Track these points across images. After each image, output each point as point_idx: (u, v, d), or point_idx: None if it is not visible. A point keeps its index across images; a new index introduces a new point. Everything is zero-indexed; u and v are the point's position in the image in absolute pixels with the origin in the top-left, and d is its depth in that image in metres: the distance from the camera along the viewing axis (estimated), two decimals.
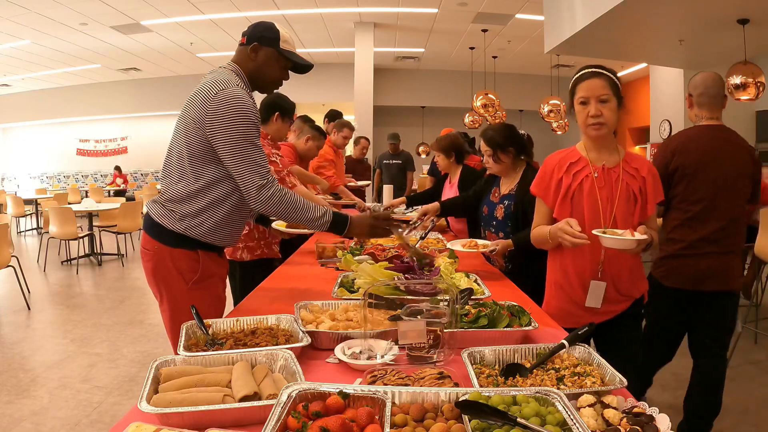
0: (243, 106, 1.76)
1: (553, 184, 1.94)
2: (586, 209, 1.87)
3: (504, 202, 2.74)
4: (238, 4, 7.80)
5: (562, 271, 1.99)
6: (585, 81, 1.85)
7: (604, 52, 6.24)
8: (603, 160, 1.90)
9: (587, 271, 1.91)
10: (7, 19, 7.93)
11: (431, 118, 13.58)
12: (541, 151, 3.03)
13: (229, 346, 1.43)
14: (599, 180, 1.88)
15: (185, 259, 1.87)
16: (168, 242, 1.86)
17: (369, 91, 9.51)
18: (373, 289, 1.71)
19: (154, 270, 1.90)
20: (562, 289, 1.99)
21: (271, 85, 1.99)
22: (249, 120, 1.77)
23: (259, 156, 1.79)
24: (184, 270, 1.88)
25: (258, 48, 1.90)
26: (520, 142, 2.73)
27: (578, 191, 1.90)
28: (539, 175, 2.00)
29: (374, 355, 1.41)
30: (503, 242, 2.57)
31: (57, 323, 4.85)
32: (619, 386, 1.17)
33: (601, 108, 1.81)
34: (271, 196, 1.79)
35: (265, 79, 1.95)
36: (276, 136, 3.03)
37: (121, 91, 13.23)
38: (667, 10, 4.04)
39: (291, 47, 1.95)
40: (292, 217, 1.84)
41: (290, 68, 1.99)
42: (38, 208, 10.56)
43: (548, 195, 1.95)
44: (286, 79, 2.01)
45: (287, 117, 3.03)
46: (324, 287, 2.13)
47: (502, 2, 7.67)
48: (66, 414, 3.03)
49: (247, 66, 1.93)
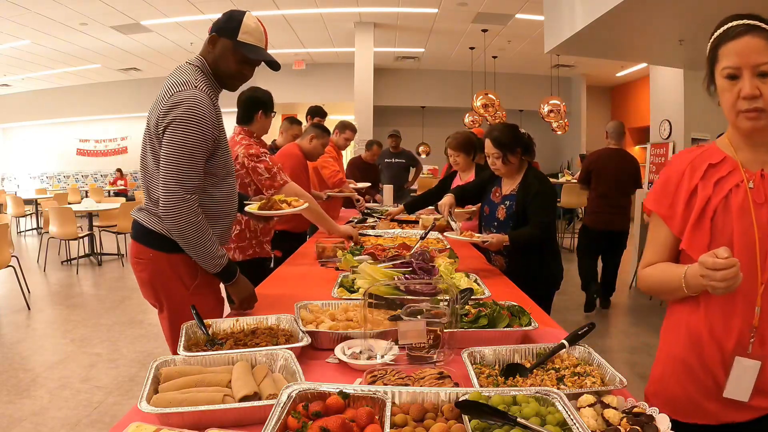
0: (193, 113, 1.66)
1: (683, 196, 1.28)
2: (736, 236, 1.21)
3: (506, 203, 2.72)
4: (238, 4, 7.80)
5: (689, 339, 1.29)
6: (734, 41, 1.18)
7: (604, 52, 6.24)
8: (761, 164, 1.25)
9: (732, 340, 1.22)
10: (7, 19, 7.92)
11: (431, 118, 13.58)
12: (541, 152, 3.03)
13: (229, 346, 1.43)
14: (756, 192, 1.22)
15: (183, 264, 1.81)
16: (164, 248, 1.79)
17: (369, 91, 9.50)
18: (373, 289, 1.71)
19: (152, 279, 1.84)
20: (688, 368, 1.30)
21: (231, 81, 1.84)
22: (195, 129, 1.67)
23: (191, 169, 1.68)
24: (184, 275, 1.82)
25: (216, 39, 1.78)
26: (524, 143, 2.70)
27: (723, 208, 1.23)
28: (660, 183, 1.35)
29: (374, 355, 1.41)
30: (498, 236, 2.54)
31: (57, 323, 4.85)
32: (619, 386, 1.17)
33: (761, 85, 1.15)
34: (185, 214, 1.68)
35: (223, 73, 1.81)
36: (260, 132, 2.98)
37: (121, 91, 13.23)
38: (667, 10, 4.04)
39: (254, 40, 1.79)
40: (191, 243, 1.72)
41: (252, 63, 1.83)
42: (38, 208, 10.55)
43: (674, 213, 1.29)
44: (249, 75, 1.86)
45: (269, 111, 2.98)
46: (324, 287, 2.13)
47: (502, 2, 7.67)
48: (66, 414, 3.03)
49: (208, 57, 1.81)
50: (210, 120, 1.71)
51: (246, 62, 1.81)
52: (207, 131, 1.70)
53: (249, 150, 2.79)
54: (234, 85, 1.87)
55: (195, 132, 1.67)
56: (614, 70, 11.61)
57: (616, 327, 4.88)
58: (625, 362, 3.87)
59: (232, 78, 1.83)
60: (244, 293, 1.87)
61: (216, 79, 1.82)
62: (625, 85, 12.85)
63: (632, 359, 3.95)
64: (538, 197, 2.59)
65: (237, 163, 2.75)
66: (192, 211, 1.69)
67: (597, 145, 12.04)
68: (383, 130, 8.37)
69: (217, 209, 1.86)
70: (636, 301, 5.64)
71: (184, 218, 1.69)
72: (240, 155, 2.79)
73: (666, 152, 6.06)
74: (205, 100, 1.71)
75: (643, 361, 3.89)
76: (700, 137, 5.85)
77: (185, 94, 1.67)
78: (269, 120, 3.00)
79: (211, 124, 1.71)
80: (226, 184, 1.88)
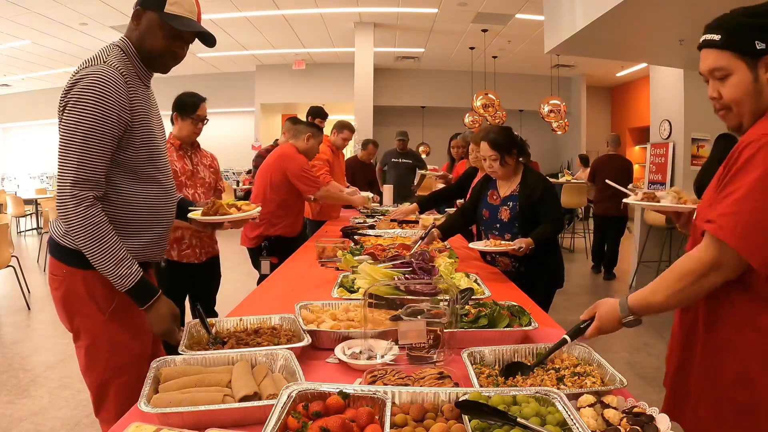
0: (93, 90, 1.42)
1: None
2: None
3: (508, 204, 2.70)
4: (238, 4, 7.79)
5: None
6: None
7: (604, 52, 6.24)
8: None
9: None
10: (7, 19, 7.92)
11: (431, 118, 13.58)
12: (541, 152, 3.02)
13: (230, 345, 1.44)
14: None
15: (100, 284, 1.54)
16: (78, 264, 1.52)
17: (369, 91, 9.50)
18: (373, 289, 1.71)
19: (64, 298, 1.58)
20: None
21: (161, 60, 1.59)
22: (94, 108, 1.41)
23: (87, 157, 1.42)
24: (99, 297, 1.56)
25: (140, 13, 1.55)
26: (519, 144, 2.72)
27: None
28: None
29: (374, 355, 1.41)
30: (526, 240, 2.48)
31: (57, 323, 4.79)
32: (619, 386, 1.17)
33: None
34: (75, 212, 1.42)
35: (150, 51, 1.56)
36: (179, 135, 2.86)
37: None
38: (667, 10, 4.04)
39: (184, 11, 1.55)
40: (88, 251, 1.45)
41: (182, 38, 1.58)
42: (38, 208, 10.53)
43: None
44: (180, 53, 1.60)
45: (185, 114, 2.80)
46: (324, 287, 2.13)
47: (502, 2, 7.66)
48: (66, 414, 3.03)
49: (132, 36, 1.57)
50: (115, 99, 1.45)
51: (175, 37, 1.56)
52: (110, 112, 1.44)
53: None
54: (164, 66, 1.61)
55: (93, 112, 1.42)
56: (614, 70, 11.61)
57: None
58: (625, 362, 3.87)
59: (162, 56, 1.58)
60: (163, 323, 1.56)
61: (143, 60, 1.58)
62: (625, 85, 12.85)
63: (632, 359, 3.95)
64: (547, 196, 2.62)
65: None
66: (86, 210, 1.43)
67: (597, 144, 12.14)
68: (383, 130, 8.38)
69: (136, 215, 1.58)
70: None
71: (76, 218, 1.42)
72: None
73: (666, 152, 6.06)
74: (112, 76, 1.45)
75: (643, 361, 3.89)
76: (701, 137, 5.85)
77: (87, 70, 1.45)
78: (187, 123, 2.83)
79: (117, 104, 1.45)
80: (153, 185, 1.62)
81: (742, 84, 1.20)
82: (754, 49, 1.18)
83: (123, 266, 1.47)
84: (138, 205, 1.59)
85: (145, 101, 1.59)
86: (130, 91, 1.52)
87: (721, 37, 1.22)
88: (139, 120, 1.54)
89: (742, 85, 1.20)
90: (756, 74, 1.19)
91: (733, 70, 1.21)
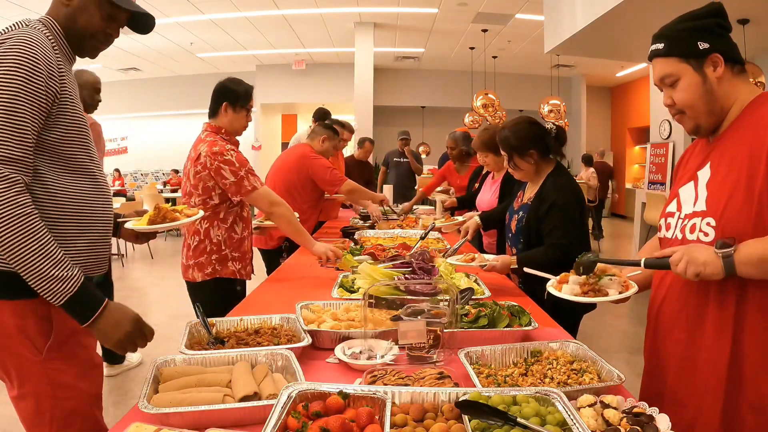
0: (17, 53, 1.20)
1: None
2: None
3: (519, 213, 2.33)
4: (238, 4, 7.80)
5: None
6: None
7: (604, 52, 6.25)
8: None
9: None
10: (8, 19, 7.92)
11: (431, 118, 13.58)
12: None
13: (231, 345, 1.44)
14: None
15: (34, 316, 1.26)
16: (3, 292, 1.24)
17: (369, 91, 9.51)
18: (374, 289, 1.71)
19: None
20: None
21: (92, 42, 1.39)
22: (18, 72, 1.18)
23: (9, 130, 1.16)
24: (32, 332, 1.27)
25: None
26: (542, 141, 2.23)
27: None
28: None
29: (374, 355, 1.41)
30: (504, 258, 2.15)
31: None
32: (617, 382, 1.18)
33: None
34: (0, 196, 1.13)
35: (81, 31, 1.36)
36: (231, 129, 2.43)
37: (121, 91, 13.23)
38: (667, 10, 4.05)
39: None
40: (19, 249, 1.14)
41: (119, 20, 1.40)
42: None
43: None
44: (113, 35, 1.42)
45: (239, 105, 2.40)
46: (324, 287, 2.13)
47: (502, 2, 7.67)
48: None
49: (59, 15, 1.36)
50: (44, 62, 1.23)
51: (111, 18, 1.38)
52: (37, 79, 1.21)
53: (212, 147, 2.28)
54: (94, 48, 1.41)
55: (17, 76, 1.18)
56: (614, 70, 11.62)
57: (616, 327, 4.88)
58: (625, 362, 3.86)
59: (93, 38, 1.38)
60: (117, 333, 1.25)
61: (69, 41, 1.37)
62: (625, 85, 12.86)
63: (632, 359, 3.95)
64: (553, 212, 2.12)
65: (198, 164, 2.28)
66: (15, 196, 1.14)
67: (597, 144, 12.12)
68: (383, 130, 8.39)
69: (66, 213, 1.31)
70: (636, 301, 5.64)
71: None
72: (202, 154, 2.28)
73: (666, 152, 6.07)
74: (38, 38, 1.26)
75: (644, 361, 3.88)
76: None
77: (10, 33, 1.26)
78: (241, 116, 2.43)
79: (45, 68, 1.23)
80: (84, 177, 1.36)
81: (692, 86, 1.23)
82: (697, 50, 1.21)
83: (62, 267, 1.18)
84: (68, 202, 1.31)
85: (71, 80, 1.37)
86: (59, 60, 1.31)
87: (664, 45, 1.26)
88: (66, 96, 1.31)
89: (691, 88, 1.23)
90: (704, 75, 1.22)
91: (681, 74, 1.24)
